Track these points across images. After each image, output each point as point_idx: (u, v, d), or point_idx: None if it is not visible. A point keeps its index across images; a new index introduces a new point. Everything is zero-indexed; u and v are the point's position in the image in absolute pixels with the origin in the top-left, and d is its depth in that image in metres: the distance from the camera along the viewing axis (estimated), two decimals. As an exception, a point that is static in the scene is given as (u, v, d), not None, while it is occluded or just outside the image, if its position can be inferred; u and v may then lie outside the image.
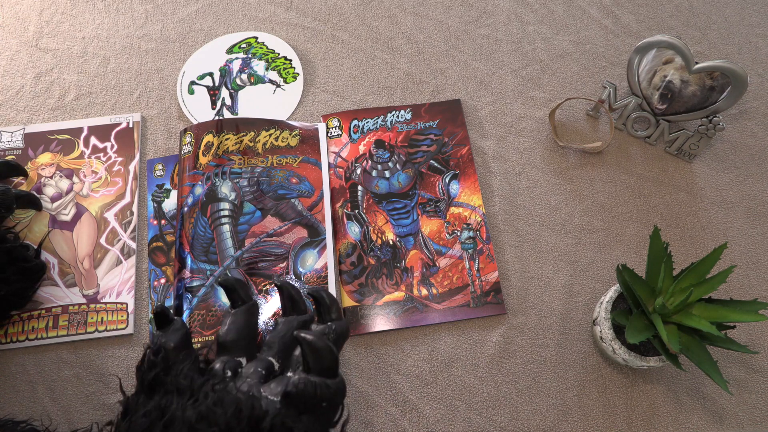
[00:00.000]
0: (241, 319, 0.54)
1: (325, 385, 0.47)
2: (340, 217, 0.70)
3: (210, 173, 0.71)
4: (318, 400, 0.47)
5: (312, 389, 0.47)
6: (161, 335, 0.52)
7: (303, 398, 0.47)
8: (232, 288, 0.55)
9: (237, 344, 0.53)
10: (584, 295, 0.68)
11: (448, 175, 0.73)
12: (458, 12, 0.85)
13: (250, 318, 0.55)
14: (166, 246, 0.69)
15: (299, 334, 0.47)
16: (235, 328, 0.53)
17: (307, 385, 0.47)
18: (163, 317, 0.53)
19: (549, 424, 0.62)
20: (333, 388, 0.48)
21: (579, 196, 0.73)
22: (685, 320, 0.55)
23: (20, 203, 0.67)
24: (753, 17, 0.85)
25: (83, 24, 0.83)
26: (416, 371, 0.64)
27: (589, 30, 0.84)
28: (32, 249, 0.65)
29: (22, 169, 0.71)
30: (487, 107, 0.78)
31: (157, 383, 0.49)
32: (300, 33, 0.83)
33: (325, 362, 0.48)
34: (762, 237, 0.71)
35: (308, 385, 0.46)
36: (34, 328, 0.65)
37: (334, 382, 0.48)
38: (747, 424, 0.62)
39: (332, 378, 0.48)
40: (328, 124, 0.76)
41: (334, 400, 0.48)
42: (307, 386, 0.46)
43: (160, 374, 0.49)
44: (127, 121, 0.76)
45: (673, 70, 0.71)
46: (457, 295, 0.67)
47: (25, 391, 0.63)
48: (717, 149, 0.76)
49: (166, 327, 0.53)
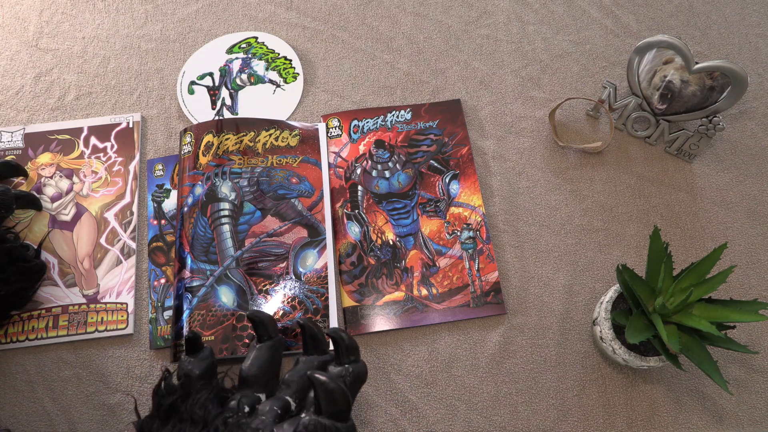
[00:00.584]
0: (265, 354, 0.54)
1: (335, 429, 0.47)
2: (340, 217, 0.70)
3: (210, 173, 0.71)
4: None
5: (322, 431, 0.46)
6: (189, 362, 0.52)
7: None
8: (260, 323, 0.55)
9: (258, 379, 0.53)
10: (584, 295, 0.68)
11: (448, 175, 0.73)
12: (458, 12, 0.85)
13: (274, 354, 0.55)
14: (166, 246, 0.69)
15: (313, 375, 0.47)
16: (258, 363, 0.54)
17: (317, 427, 0.46)
18: (194, 343, 0.53)
19: (549, 424, 0.62)
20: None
21: (579, 196, 0.73)
22: (685, 320, 0.55)
23: (20, 203, 0.67)
24: (753, 17, 0.85)
25: (83, 24, 0.83)
26: (416, 371, 0.64)
27: (589, 30, 0.84)
28: (32, 249, 0.65)
29: (23, 169, 0.71)
30: (487, 107, 0.78)
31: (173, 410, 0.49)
32: (300, 33, 0.83)
33: (337, 405, 0.47)
34: (762, 237, 0.71)
35: (318, 428, 0.46)
36: (34, 328, 0.65)
37: (344, 426, 0.47)
38: (747, 424, 0.62)
39: (343, 422, 0.47)
40: (328, 124, 0.76)
41: None
42: (317, 429, 0.46)
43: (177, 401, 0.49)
44: (127, 121, 0.76)
45: (673, 70, 0.71)
46: (457, 295, 0.67)
47: (25, 391, 0.63)
48: (717, 149, 0.76)
49: (195, 354, 0.53)
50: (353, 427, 0.48)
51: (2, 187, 0.64)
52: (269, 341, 0.55)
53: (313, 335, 0.55)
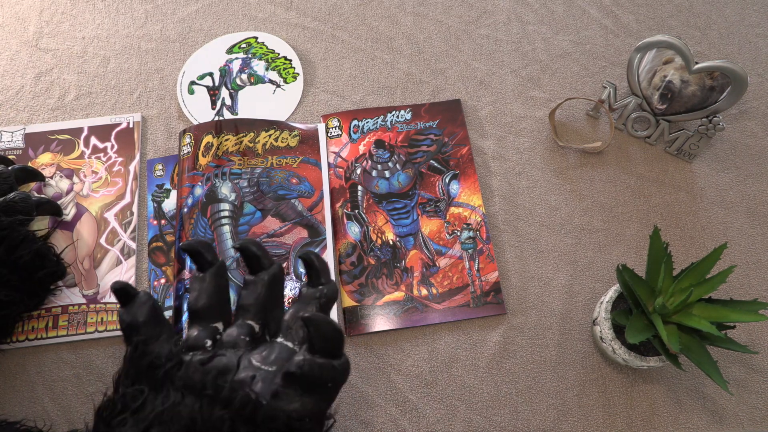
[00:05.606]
0: (210, 283, 0.50)
1: (331, 367, 0.45)
2: (340, 217, 0.71)
3: (210, 174, 0.71)
4: (323, 381, 0.45)
5: (318, 371, 0.45)
6: (126, 312, 0.48)
7: (307, 379, 0.45)
8: (196, 251, 0.51)
9: (210, 310, 0.50)
10: (584, 295, 0.68)
11: (448, 175, 0.73)
12: (458, 12, 0.85)
13: (220, 280, 0.51)
14: (166, 246, 0.69)
15: (304, 316, 0.45)
16: (206, 293, 0.50)
17: (313, 367, 0.45)
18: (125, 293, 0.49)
19: (549, 424, 0.62)
20: (339, 369, 0.46)
21: (579, 196, 0.73)
22: (685, 320, 0.55)
23: (41, 210, 0.66)
24: (753, 17, 0.85)
25: (83, 24, 0.83)
26: (416, 371, 0.64)
27: (589, 30, 0.84)
28: (54, 249, 0.65)
29: (40, 174, 0.70)
30: (487, 107, 0.78)
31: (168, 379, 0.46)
32: (300, 33, 0.83)
33: (333, 343, 0.45)
34: (762, 237, 0.71)
35: (314, 367, 0.45)
36: (34, 328, 0.65)
37: (339, 362, 0.46)
38: (747, 424, 0.62)
39: (338, 359, 0.46)
40: (327, 124, 0.76)
41: (339, 380, 0.46)
42: (313, 368, 0.45)
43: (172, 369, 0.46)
44: (127, 121, 0.76)
45: (673, 70, 0.71)
46: (457, 295, 0.67)
47: (25, 391, 0.63)
48: (717, 149, 0.76)
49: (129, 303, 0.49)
50: (347, 362, 0.47)
51: (23, 193, 0.64)
52: (212, 268, 0.51)
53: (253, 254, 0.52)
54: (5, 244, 0.59)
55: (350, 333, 0.65)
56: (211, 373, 0.45)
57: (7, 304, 0.59)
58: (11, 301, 0.60)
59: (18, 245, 0.60)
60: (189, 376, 0.45)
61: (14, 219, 0.61)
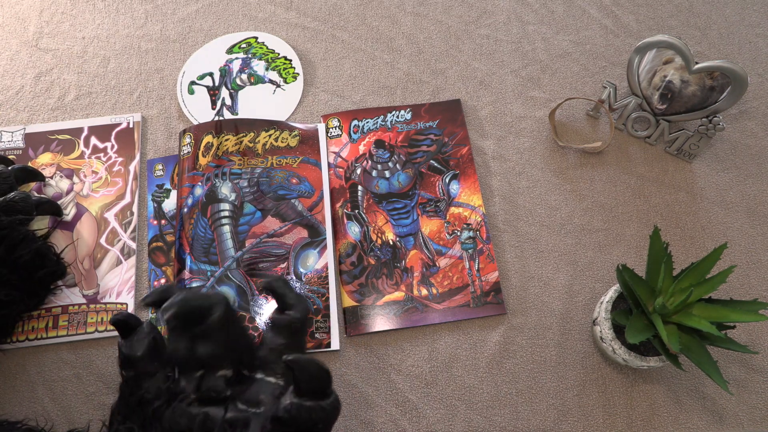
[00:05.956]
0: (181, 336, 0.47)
1: (320, 408, 0.44)
2: (340, 217, 0.70)
3: (210, 174, 0.71)
4: (313, 423, 0.44)
5: (307, 414, 0.44)
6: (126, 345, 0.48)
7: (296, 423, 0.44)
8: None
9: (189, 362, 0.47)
10: (584, 295, 0.68)
11: (448, 175, 0.73)
12: (458, 12, 0.85)
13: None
14: (166, 246, 0.69)
15: (288, 359, 0.44)
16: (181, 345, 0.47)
17: (301, 410, 0.44)
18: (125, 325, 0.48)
19: (549, 424, 0.62)
20: (329, 409, 0.45)
21: (579, 196, 0.73)
22: (685, 320, 0.55)
23: (40, 210, 0.66)
24: (753, 17, 0.85)
25: (83, 24, 0.83)
26: (416, 371, 0.64)
27: (589, 30, 0.84)
28: (54, 248, 0.65)
29: (40, 174, 0.70)
30: (487, 107, 0.78)
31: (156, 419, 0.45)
32: (300, 33, 0.83)
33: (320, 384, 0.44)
34: (762, 237, 0.71)
35: (302, 411, 0.44)
36: (34, 328, 0.65)
37: (328, 403, 0.45)
38: (747, 424, 0.62)
39: (326, 399, 0.45)
40: (328, 124, 0.76)
41: (329, 420, 0.45)
42: (301, 412, 0.44)
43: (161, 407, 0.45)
44: (128, 121, 0.76)
45: (673, 70, 0.71)
46: (457, 295, 0.67)
47: (25, 391, 0.63)
48: (717, 149, 0.76)
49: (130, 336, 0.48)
50: (337, 400, 0.46)
51: (23, 193, 0.64)
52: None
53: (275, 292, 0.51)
54: (5, 243, 0.59)
55: (350, 333, 0.65)
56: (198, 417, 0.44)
57: (7, 304, 0.59)
58: (11, 300, 0.60)
59: (18, 244, 0.60)
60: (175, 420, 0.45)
61: (14, 218, 0.61)
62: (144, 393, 0.47)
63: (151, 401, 0.47)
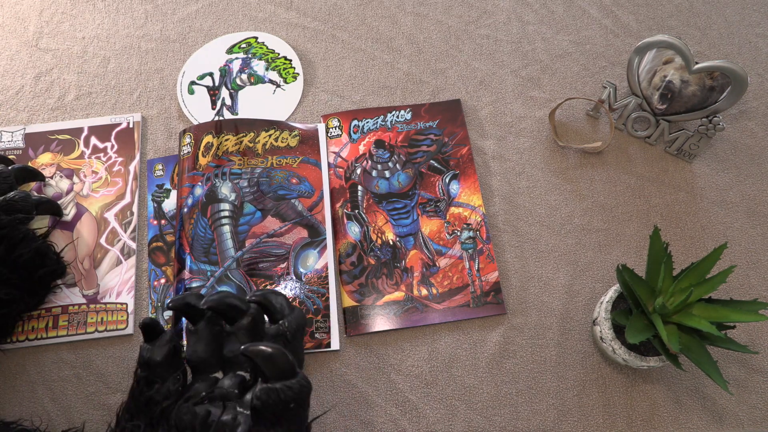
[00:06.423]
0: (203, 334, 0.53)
1: (287, 388, 0.47)
2: (340, 217, 0.70)
3: (210, 174, 0.71)
4: (284, 404, 0.47)
5: (275, 396, 0.46)
6: (148, 349, 0.51)
7: (270, 408, 0.46)
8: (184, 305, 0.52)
9: (205, 363, 0.52)
10: (584, 295, 0.68)
11: (448, 175, 0.73)
12: (458, 12, 0.85)
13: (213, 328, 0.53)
14: (166, 246, 0.69)
15: (246, 350, 0.47)
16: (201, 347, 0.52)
17: (269, 393, 0.46)
18: (152, 330, 0.52)
19: (549, 424, 0.62)
20: (296, 388, 0.47)
21: (579, 196, 0.73)
22: (685, 320, 0.55)
23: (40, 210, 0.66)
24: (753, 17, 0.85)
25: (83, 24, 0.83)
26: (416, 371, 0.64)
27: (589, 30, 0.84)
28: (54, 247, 0.65)
29: (40, 174, 0.70)
30: (487, 107, 0.78)
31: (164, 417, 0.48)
32: (300, 33, 0.83)
33: (280, 366, 0.47)
34: (762, 237, 0.71)
35: (270, 394, 0.46)
36: (34, 328, 0.65)
37: (294, 382, 0.48)
38: (747, 424, 0.62)
39: (292, 378, 0.48)
40: (328, 124, 0.76)
41: (300, 398, 0.48)
42: (270, 395, 0.46)
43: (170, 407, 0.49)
44: (128, 121, 0.76)
45: (673, 70, 0.71)
46: (457, 295, 0.67)
47: (25, 391, 0.63)
48: (717, 149, 0.76)
49: (154, 340, 0.52)
50: (304, 378, 0.48)
51: (23, 192, 0.64)
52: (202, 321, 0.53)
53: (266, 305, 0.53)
54: (5, 242, 0.59)
55: (350, 333, 0.65)
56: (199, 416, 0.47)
57: (7, 303, 0.60)
58: (11, 299, 0.60)
59: (18, 244, 0.60)
60: (180, 417, 0.48)
61: (14, 218, 0.61)
62: (153, 393, 0.50)
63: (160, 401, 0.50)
